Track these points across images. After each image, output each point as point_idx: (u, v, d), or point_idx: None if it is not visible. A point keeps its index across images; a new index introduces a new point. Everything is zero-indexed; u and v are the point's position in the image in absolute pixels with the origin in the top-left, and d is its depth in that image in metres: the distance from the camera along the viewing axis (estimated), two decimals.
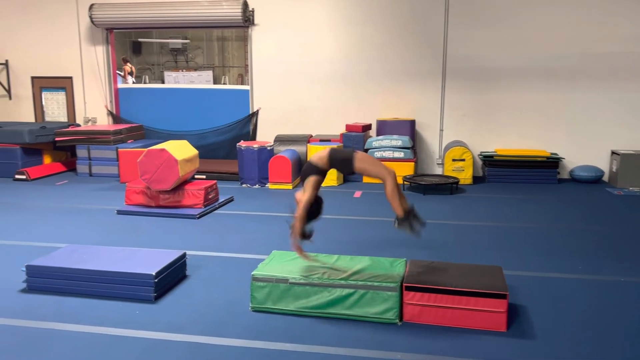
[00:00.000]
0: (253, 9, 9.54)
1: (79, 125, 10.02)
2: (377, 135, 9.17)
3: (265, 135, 9.80)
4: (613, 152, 8.72)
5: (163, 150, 6.61)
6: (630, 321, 3.79)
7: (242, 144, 8.48)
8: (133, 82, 13.39)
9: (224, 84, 14.56)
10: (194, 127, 10.00)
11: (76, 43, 10.27)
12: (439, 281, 3.75)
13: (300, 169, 8.79)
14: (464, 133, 9.29)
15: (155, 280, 4.08)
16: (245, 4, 9.39)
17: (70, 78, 10.46)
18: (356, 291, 3.75)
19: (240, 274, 4.59)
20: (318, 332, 3.61)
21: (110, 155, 9.07)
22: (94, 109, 10.49)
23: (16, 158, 9.10)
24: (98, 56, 10.26)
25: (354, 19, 9.32)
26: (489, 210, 6.99)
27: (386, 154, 8.64)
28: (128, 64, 13.78)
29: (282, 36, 9.55)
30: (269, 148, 8.43)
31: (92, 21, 9.84)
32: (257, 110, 9.88)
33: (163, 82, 14.20)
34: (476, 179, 8.84)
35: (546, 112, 9.01)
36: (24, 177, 8.85)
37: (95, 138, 9.14)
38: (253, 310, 3.92)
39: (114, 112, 10.46)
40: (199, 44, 16.37)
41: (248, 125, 9.92)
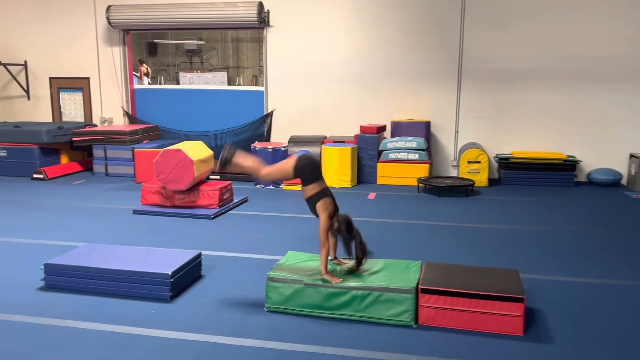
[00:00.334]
0: (268, 10, 9.57)
1: (95, 126, 10.13)
2: (392, 136, 9.14)
3: (279, 136, 9.82)
4: (631, 155, 8.60)
5: (179, 150, 6.65)
6: None
7: (257, 145, 8.51)
8: (149, 83, 13.49)
9: (238, 85, 14.60)
10: (209, 128, 10.06)
11: (93, 44, 10.39)
12: (455, 284, 3.72)
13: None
14: (480, 135, 9.22)
15: (171, 280, 4.10)
16: (260, 5, 9.43)
17: (88, 79, 10.59)
18: (371, 293, 3.73)
19: (255, 274, 4.60)
20: (333, 334, 3.60)
21: (126, 156, 9.16)
22: (110, 109, 10.60)
23: (34, 158, 9.22)
24: (115, 57, 10.37)
25: (369, 20, 9.31)
26: (505, 213, 6.93)
27: (401, 156, 8.61)
28: (144, 65, 13.88)
29: (297, 37, 9.57)
30: (283, 149, 8.45)
31: (109, 22, 9.94)
32: (272, 112, 9.90)
33: (178, 83, 14.27)
34: (492, 182, 8.77)
35: (564, 115, 8.91)
36: (41, 177, 8.96)
37: (111, 138, 9.23)
38: (268, 311, 3.93)
39: (130, 113, 10.56)
40: (213, 45, 16.45)
41: (262, 126, 9.95)
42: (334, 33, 9.43)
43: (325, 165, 8.48)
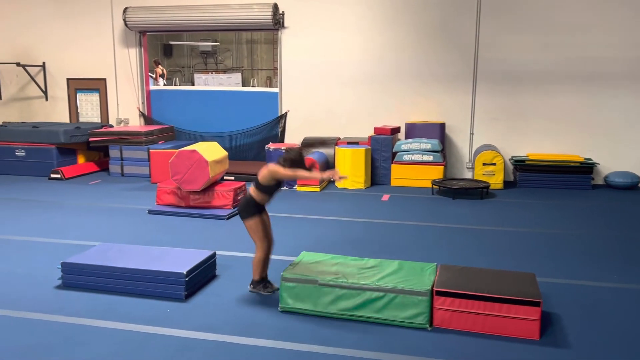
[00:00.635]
0: (283, 12, 9.60)
1: (111, 126, 10.24)
2: (406, 138, 9.11)
3: (293, 137, 9.84)
4: None
5: (194, 151, 6.69)
6: None
7: (271, 146, 8.54)
8: (164, 84, 13.61)
9: (252, 86, 14.67)
10: (223, 129, 10.11)
11: (110, 46, 10.51)
12: (470, 286, 3.70)
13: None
14: (495, 137, 9.16)
15: (186, 279, 4.13)
16: (275, 7, 9.46)
17: (104, 80, 10.70)
18: (386, 295, 3.72)
19: (269, 274, 4.60)
20: (346, 335, 3.60)
21: (141, 156, 9.24)
22: (126, 110, 10.71)
23: (52, 157, 9.35)
24: (131, 58, 10.47)
25: (383, 21, 9.29)
26: (521, 215, 6.87)
27: (415, 157, 8.57)
28: (159, 66, 14.00)
29: (312, 39, 9.59)
30: None
31: (126, 24, 10.05)
32: (286, 113, 9.93)
33: (193, 84, 14.40)
34: (507, 184, 8.70)
35: (580, 117, 8.81)
36: (58, 177, 9.07)
37: (127, 139, 9.32)
38: (282, 311, 3.94)
39: (146, 114, 10.66)
40: (228, 47, 16.55)
41: (277, 127, 9.98)
42: (349, 34, 9.43)
43: (339, 167, 8.48)
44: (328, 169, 4.14)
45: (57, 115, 11.09)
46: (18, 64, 10.57)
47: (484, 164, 8.44)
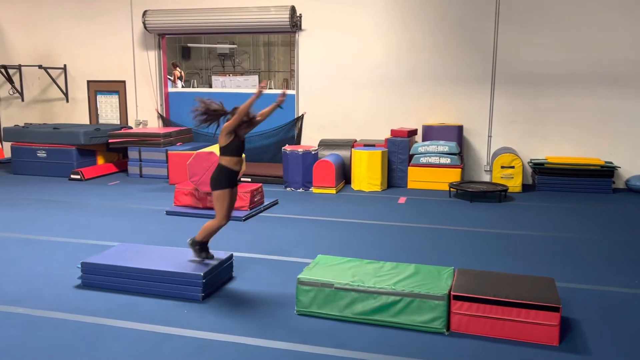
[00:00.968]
0: (300, 14, 9.63)
1: (130, 128, 10.36)
2: (423, 140, 9.06)
3: (309, 139, 9.86)
4: None
5: (211, 153, 6.74)
6: None
7: (287, 148, 8.56)
8: (182, 87, 13.73)
9: (269, 88, 14.71)
10: None
11: (130, 48, 10.63)
12: (488, 291, 3.66)
13: (344, 174, 8.80)
14: (514, 140, 9.06)
15: (204, 281, 4.16)
16: (292, 9, 9.49)
17: (124, 82, 10.84)
18: (402, 299, 3.70)
19: (285, 276, 4.62)
20: (363, 339, 3.59)
21: (160, 157, 9.33)
22: (145, 112, 10.83)
23: (72, 158, 9.49)
24: (150, 61, 10.58)
25: (401, 23, 9.27)
26: (540, 219, 6.79)
27: (432, 160, 8.52)
28: (177, 69, 14.12)
29: (329, 41, 9.60)
30: (313, 152, 8.47)
31: (145, 27, 10.16)
32: (302, 115, 9.94)
33: (211, 87, 14.49)
34: (526, 187, 8.60)
35: (601, 119, 8.68)
36: (78, 177, 9.20)
37: (146, 140, 9.42)
38: (298, 314, 3.94)
39: (164, 116, 10.76)
40: (245, 49, 16.64)
41: (293, 129, 10.00)
42: (365, 36, 9.42)
43: (355, 169, 8.47)
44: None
45: (78, 117, 11.26)
46: (40, 67, 10.76)
47: (502, 167, 8.36)
